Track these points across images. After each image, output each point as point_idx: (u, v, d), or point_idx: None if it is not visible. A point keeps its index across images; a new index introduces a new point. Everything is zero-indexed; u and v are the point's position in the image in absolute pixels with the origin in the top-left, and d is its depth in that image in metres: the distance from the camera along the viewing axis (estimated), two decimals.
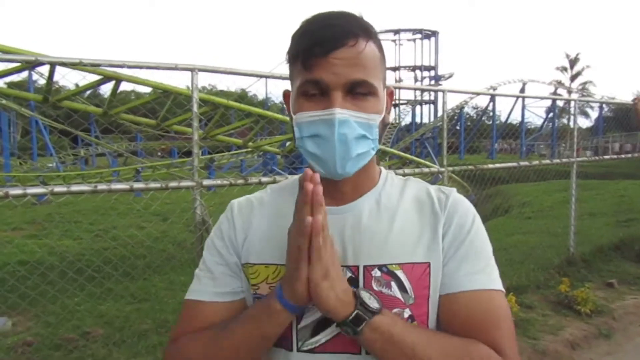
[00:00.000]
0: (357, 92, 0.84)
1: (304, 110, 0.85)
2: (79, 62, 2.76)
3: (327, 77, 0.82)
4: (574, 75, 49.11)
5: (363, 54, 0.83)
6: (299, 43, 0.85)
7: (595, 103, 33.66)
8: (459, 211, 0.92)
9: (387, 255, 0.87)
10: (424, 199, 0.94)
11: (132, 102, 7.11)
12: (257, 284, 0.92)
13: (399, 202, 0.93)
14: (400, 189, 0.96)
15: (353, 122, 0.83)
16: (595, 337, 4.09)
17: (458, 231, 0.89)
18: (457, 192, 0.96)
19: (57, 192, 2.65)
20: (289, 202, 0.91)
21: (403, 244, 0.88)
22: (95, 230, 7.87)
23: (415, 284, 0.86)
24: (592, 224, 8.00)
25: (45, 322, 4.25)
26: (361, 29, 0.84)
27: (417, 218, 0.91)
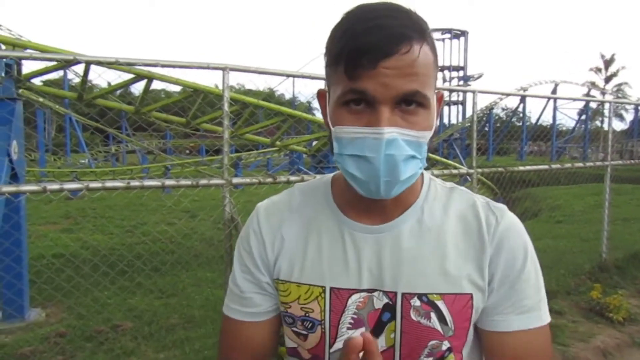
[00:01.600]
0: (406, 104, 0.72)
1: (345, 125, 0.74)
2: (115, 61, 2.83)
3: (374, 88, 0.70)
4: (609, 77, 47.76)
5: (417, 61, 0.71)
6: (341, 45, 0.72)
7: (631, 105, 32.69)
8: (509, 244, 0.82)
9: (428, 283, 0.80)
10: (470, 220, 0.84)
11: (163, 101, 7.24)
12: (289, 303, 0.86)
13: (442, 222, 0.84)
14: (444, 204, 0.86)
15: (402, 141, 0.72)
16: (629, 346, 3.98)
17: (508, 268, 0.81)
18: (507, 212, 0.86)
19: (92, 187, 2.72)
20: (321, 214, 0.88)
21: (446, 273, 0.81)
22: (126, 226, 8.05)
23: (456, 316, 0.81)
24: (625, 229, 7.78)
25: (78, 314, 4.37)
26: (415, 30, 0.72)
27: (462, 244, 0.82)
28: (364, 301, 0.82)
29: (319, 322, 0.84)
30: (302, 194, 0.92)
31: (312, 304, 0.84)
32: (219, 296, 4.73)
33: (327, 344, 0.84)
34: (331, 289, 0.83)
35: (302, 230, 0.87)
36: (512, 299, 0.81)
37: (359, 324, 0.82)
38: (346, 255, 0.83)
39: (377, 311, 0.82)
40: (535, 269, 0.84)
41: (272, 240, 0.89)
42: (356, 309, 0.82)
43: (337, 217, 0.86)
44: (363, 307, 0.82)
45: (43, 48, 5.41)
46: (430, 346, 0.80)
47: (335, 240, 0.84)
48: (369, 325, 0.82)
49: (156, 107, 6.79)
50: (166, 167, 17.03)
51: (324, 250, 0.84)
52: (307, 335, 0.85)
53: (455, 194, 0.88)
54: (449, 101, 39.10)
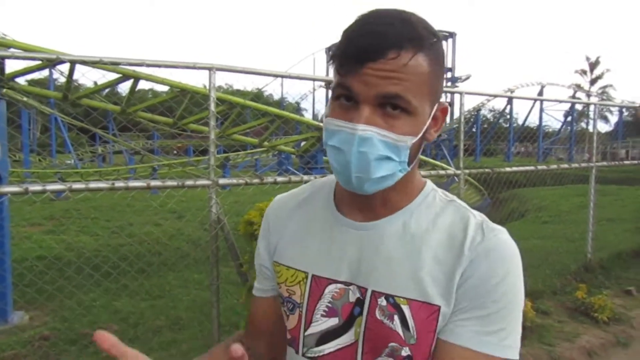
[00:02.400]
0: (391, 107, 0.75)
1: (333, 117, 0.79)
2: (99, 61, 2.80)
3: (357, 87, 0.75)
4: (594, 79, 48.37)
5: (405, 68, 0.73)
6: (340, 45, 0.78)
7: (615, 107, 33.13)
8: (490, 262, 0.79)
9: (397, 286, 0.81)
10: (457, 234, 0.82)
11: (149, 101, 7.17)
12: (280, 284, 0.94)
13: (428, 230, 0.83)
14: (436, 214, 0.85)
15: (377, 140, 0.75)
16: (613, 345, 4.02)
17: (479, 284, 0.78)
18: (502, 235, 0.82)
19: (76, 188, 2.68)
20: (320, 205, 0.95)
21: (417, 279, 0.80)
22: (111, 227, 7.97)
23: (420, 324, 0.79)
24: (610, 229, 7.87)
25: (62, 317, 4.31)
26: (411, 39, 0.74)
27: (442, 256, 0.81)
28: (339, 292, 0.86)
29: (298, 305, 0.90)
30: (312, 188, 1.00)
31: (295, 287, 0.90)
32: (205, 298, 4.69)
33: (303, 327, 0.89)
34: (313, 275, 0.89)
35: (302, 221, 0.95)
36: (473, 314, 0.78)
37: (333, 313, 0.86)
38: (331, 247, 0.88)
39: (350, 304, 0.85)
40: (510, 299, 0.78)
41: (276, 225, 0.98)
42: (332, 299, 0.86)
43: (332, 212, 0.92)
44: (339, 298, 0.86)
45: (27, 47, 5.33)
46: (390, 347, 0.81)
47: (325, 232, 0.90)
48: (342, 317, 0.85)
49: (142, 107, 6.72)
50: (153, 167, 16.88)
51: (314, 240, 0.91)
52: (289, 316, 0.92)
53: (452, 207, 0.87)
54: None
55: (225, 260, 3.84)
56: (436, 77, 0.79)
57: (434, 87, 0.79)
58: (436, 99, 0.81)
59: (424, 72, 0.76)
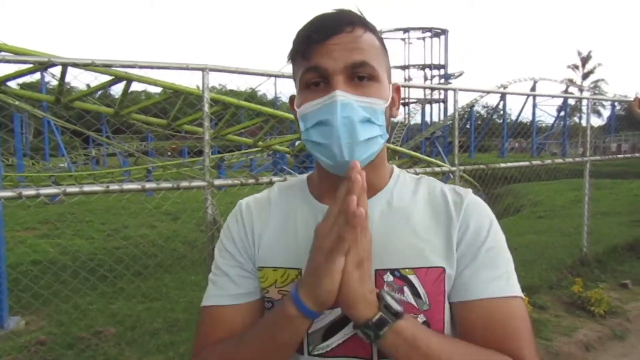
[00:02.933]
0: (358, 76, 0.82)
1: (307, 102, 0.83)
2: (91, 63, 2.78)
3: (325, 62, 0.81)
4: (586, 74, 48.57)
5: (362, 38, 0.83)
6: (298, 37, 0.85)
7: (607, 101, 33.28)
8: (475, 216, 0.88)
9: (399, 259, 0.84)
10: (438, 201, 0.90)
11: (143, 102, 7.14)
12: (267, 288, 0.90)
13: (411, 203, 0.90)
14: (412, 189, 0.93)
15: (356, 105, 0.80)
16: (610, 338, 4.04)
17: (474, 238, 0.86)
18: (472, 194, 0.92)
19: (70, 192, 2.66)
20: (298, 204, 0.94)
21: (416, 247, 0.85)
22: (107, 230, 7.93)
23: (430, 289, 0.83)
24: (605, 223, 7.92)
25: (58, 322, 4.29)
26: (359, 20, 0.85)
27: (430, 221, 0.88)
28: None
29: None
30: (281, 190, 0.99)
31: (289, 287, 0.87)
32: (202, 299, 4.68)
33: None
34: None
35: (280, 221, 0.93)
36: (476, 266, 0.84)
37: (335, 304, 0.81)
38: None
39: None
40: (499, 242, 0.87)
41: (251, 225, 0.94)
42: None
43: (313, 205, 0.92)
44: None
45: (17, 50, 5.28)
46: None
47: (310, 224, 0.87)
48: None
49: (135, 109, 6.69)
50: (148, 169, 16.81)
51: (300, 235, 0.89)
52: None
53: (423, 182, 0.95)
54: (430, 99, 39.36)
55: None
56: (386, 55, 0.88)
57: (387, 64, 0.88)
58: (389, 79, 0.89)
59: (377, 45, 0.85)
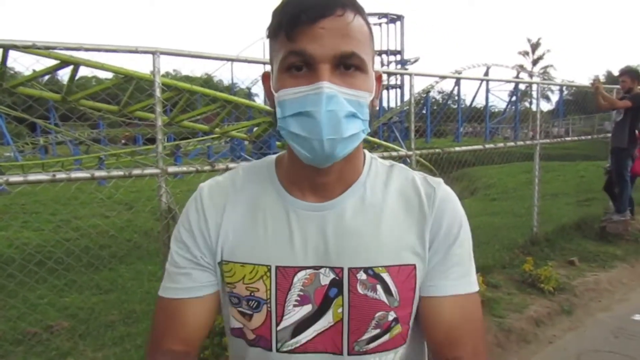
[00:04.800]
0: (345, 66, 0.76)
1: (288, 87, 0.76)
2: (31, 45, 2.63)
3: (313, 48, 0.74)
4: (536, 60, 50.28)
5: (352, 25, 0.76)
6: (282, 13, 0.77)
7: (556, 86, 34.54)
8: (448, 213, 0.87)
9: (372, 257, 0.83)
10: (410, 195, 0.88)
11: (92, 88, 6.87)
12: (234, 283, 0.86)
13: (384, 198, 0.87)
14: (384, 181, 0.89)
15: (342, 98, 0.75)
16: (558, 313, 4.23)
17: (446, 236, 0.86)
18: (444, 186, 0.91)
19: (13, 181, 2.53)
20: (266, 192, 0.88)
21: (389, 245, 0.84)
22: (56, 221, 7.63)
23: (401, 286, 0.84)
24: (554, 204, 8.24)
25: (5, 317, 4.10)
26: (349, 3, 0.77)
27: (403, 217, 0.86)
28: (310, 278, 0.83)
29: (265, 301, 0.84)
30: (246, 174, 0.92)
31: (257, 284, 0.84)
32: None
33: (274, 322, 0.84)
34: (277, 267, 0.83)
35: (247, 211, 0.88)
36: (447, 265, 0.85)
37: (306, 301, 0.83)
38: (291, 234, 0.84)
39: (323, 287, 0.83)
40: (468, 238, 0.89)
41: (215, 219, 0.88)
42: (302, 286, 0.83)
43: (282, 197, 0.87)
44: (309, 284, 0.83)
45: None
46: (377, 318, 0.83)
47: (280, 219, 0.85)
48: (316, 302, 0.83)
49: (84, 95, 6.43)
50: (100, 158, 16.26)
51: (269, 230, 0.85)
52: (252, 315, 0.85)
53: (395, 171, 0.92)
54: (387, 85, 39.71)
55: None
56: (372, 42, 0.82)
57: (373, 51, 0.82)
58: (373, 66, 0.83)
59: (366, 32, 0.79)
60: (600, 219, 6.48)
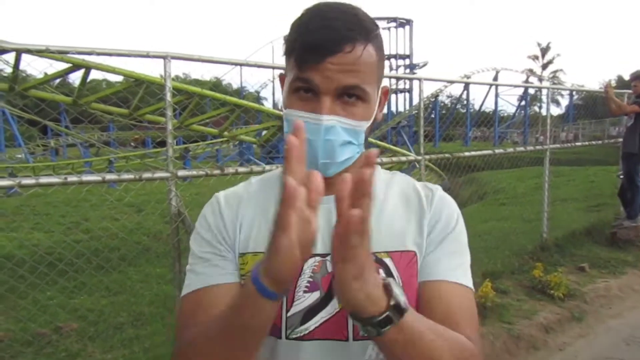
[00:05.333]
0: (347, 96, 0.83)
1: (294, 108, 0.84)
2: (45, 49, 2.65)
3: (318, 80, 0.81)
4: (546, 64, 50.00)
5: (359, 60, 0.81)
6: (294, 39, 0.83)
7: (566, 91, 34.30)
8: (445, 209, 0.94)
9: (375, 244, 0.82)
10: (410, 194, 0.96)
11: (102, 92, 6.92)
12: (246, 274, 0.88)
13: (386, 195, 0.95)
14: (386, 183, 0.98)
15: (340, 128, 0.83)
16: (568, 320, 4.19)
17: (444, 227, 0.92)
18: (442, 191, 0.98)
19: (25, 184, 2.55)
20: (276, 193, 0.88)
21: (391, 233, 0.90)
22: (67, 223, 7.69)
23: (403, 271, 0.88)
24: (563, 209, 8.18)
25: (16, 318, 4.13)
26: (361, 31, 0.82)
27: (403, 211, 0.94)
28: (318, 265, 0.88)
29: None
30: (259, 183, 1.00)
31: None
32: (168, 292, 4.60)
33: (285, 308, 0.87)
34: None
35: (260, 210, 0.94)
36: (444, 252, 0.90)
37: (314, 288, 0.87)
38: None
39: (330, 274, 0.86)
40: (464, 236, 0.94)
41: (230, 217, 0.94)
42: (312, 273, 0.88)
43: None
44: (318, 271, 0.88)
45: None
46: None
47: None
48: (323, 289, 0.87)
49: (95, 98, 6.48)
50: (109, 160, 16.38)
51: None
52: None
53: (397, 177, 1.01)
54: (396, 89, 39.66)
55: (187, 252, 3.75)
56: (381, 64, 0.88)
57: (380, 73, 0.88)
58: (380, 83, 0.90)
59: (374, 61, 0.84)
60: (611, 225, 6.42)
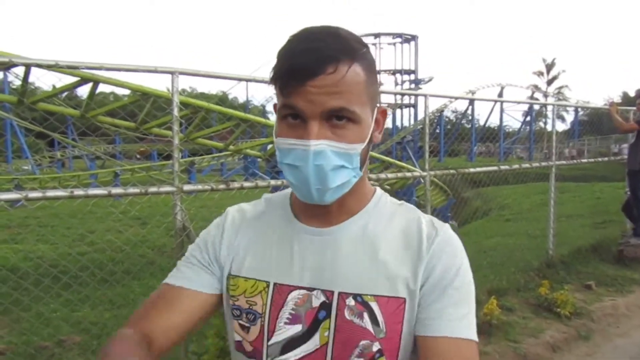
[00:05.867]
0: (337, 119, 0.80)
1: (283, 136, 0.82)
2: (55, 64, 2.69)
3: (302, 105, 0.78)
4: (551, 80, 50.04)
5: (343, 80, 0.78)
6: (279, 66, 0.81)
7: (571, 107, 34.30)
8: (444, 257, 0.87)
9: (363, 285, 0.85)
10: (412, 233, 0.89)
11: (110, 105, 6.99)
12: (237, 296, 0.91)
13: (385, 231, 0.90)
14: (389, 216, 0.92)
15: (330, 152, 0.79)
16: (575, 339, 4.14)
17: (440, 278, 0.85)
18: (449, 230, 0.91)
19: (32, 197, 2.57)
20: (278, 216, 0.96)
21: (381, 276, 0.85)
22: (72, 236, 7.70)
23: (388, 317, 0.84)
24: (569, 226, 8.12)
25: (19, 331, 4.13)
26: (344, 52, 0.79)
27: (401, 252, 0.88)
28: (303, 298, 0.86)
29: (260, 315, 0.88)
30: (267, 204, 1.01)
31: (256, 298, 0.89)
32: None
33: (266, 337, 0.88)
34: (275, 284, 0.88)
35: (260, 233, 0.95)
36: (442, 304, 0.84)
37: (297, 321, 0.86)
38: (292, 255, 0.89)
39: (314, 309, 0.86)
40: (467, 285, 0.87)
41: (229, 237, 0.95)
42: (295, 305, 0.87)
43: (291, 222, 0.93)
44: (302, 305, 0.86)
45: None
46: (361, 346, 0.83)
47: (285, 241, 0.91)
48: (306, 323, 0.86)
49: (102, 111, 6.54)
50: (115, 173, 16.45)
51: (274, 250, 0.91)
52: (250, 328, 0.89)
53: (402, 209, 0.95)
54: (401, 104, 39.77)
55: None
56: (372, 83, 0.84)
57: (371, 93, 0.84)
58: (375, 103, 0.86)
59: (361, 81, 0.81)
60: (618, 242, 6.37)
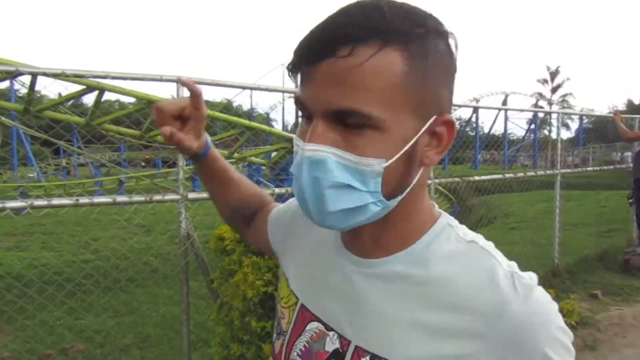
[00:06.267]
0: (348, 122, 0.58)
1: (297, 134, 0.64)
2: (61, 73, 2.71)
3: (305, 97, 0.60)
4: (555, 88, 50.02)
5: (360, 69, 0.55)
6: (295, 49, 0.61)
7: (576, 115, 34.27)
8: (526, 340, 0.58)
9: (388, 347, 0.64)
10: (476, 291, 0.61)
11: (115, 113, 7.04)
12: (279, 298, 0.86)
13: (436, 284, 0.64)
14: (447, 261, 0.65)
15: (333, 163, 0.58)
16: (581, 349, 4.10)
17: None
18: (537, 293, 0.63)
19: (37, 205, 2.58)
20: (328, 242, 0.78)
21: (415, 344, 0.63)
22: (76, 243, 7.72)
23: None
24: (575, 234, 8.07)
25: (23, 339, 4.13)
26: (373, 30, 0.56)
27: (453, 317, 0.61)
28: (319, 334, 0.72)
29: (284, 333, 0.79)
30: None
31: (285, 311, 0.81)
32: (175, 313, 4.57)
33: (283, 356, 0.78)
34: (301, 305, 0.77)
35: (309, 240, 0.82)
36: None
37: (308, 356, 0.73)
38: (326, 279, 0.74)
39: (325, 353, 0.71)
40: None
41: (290, 228, 0.88)
42: (310, 339, 0.74)
43: (335, 238, 0.77)
44: (317, 340, 0.72)
45: None
46: None
47: (326, 260, 0.77)
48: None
49: (108, 119, 6.58)
50: (120, 180, 16.50)
51: (316, 266, 0.78)
52: (279, 338, 0.81)
53: (471, 251, 0.66)
54: None
55: (196, 274, 3.75)
56: (424, 79, 0.59)
57: (421, 93, 0.59)
58: (430, 109, 0.61)
59: (396, 73, 0.57)
60: (624, 251, 6.33)
